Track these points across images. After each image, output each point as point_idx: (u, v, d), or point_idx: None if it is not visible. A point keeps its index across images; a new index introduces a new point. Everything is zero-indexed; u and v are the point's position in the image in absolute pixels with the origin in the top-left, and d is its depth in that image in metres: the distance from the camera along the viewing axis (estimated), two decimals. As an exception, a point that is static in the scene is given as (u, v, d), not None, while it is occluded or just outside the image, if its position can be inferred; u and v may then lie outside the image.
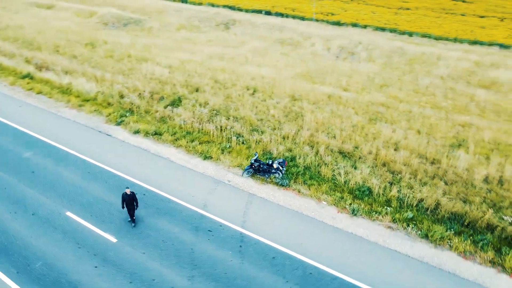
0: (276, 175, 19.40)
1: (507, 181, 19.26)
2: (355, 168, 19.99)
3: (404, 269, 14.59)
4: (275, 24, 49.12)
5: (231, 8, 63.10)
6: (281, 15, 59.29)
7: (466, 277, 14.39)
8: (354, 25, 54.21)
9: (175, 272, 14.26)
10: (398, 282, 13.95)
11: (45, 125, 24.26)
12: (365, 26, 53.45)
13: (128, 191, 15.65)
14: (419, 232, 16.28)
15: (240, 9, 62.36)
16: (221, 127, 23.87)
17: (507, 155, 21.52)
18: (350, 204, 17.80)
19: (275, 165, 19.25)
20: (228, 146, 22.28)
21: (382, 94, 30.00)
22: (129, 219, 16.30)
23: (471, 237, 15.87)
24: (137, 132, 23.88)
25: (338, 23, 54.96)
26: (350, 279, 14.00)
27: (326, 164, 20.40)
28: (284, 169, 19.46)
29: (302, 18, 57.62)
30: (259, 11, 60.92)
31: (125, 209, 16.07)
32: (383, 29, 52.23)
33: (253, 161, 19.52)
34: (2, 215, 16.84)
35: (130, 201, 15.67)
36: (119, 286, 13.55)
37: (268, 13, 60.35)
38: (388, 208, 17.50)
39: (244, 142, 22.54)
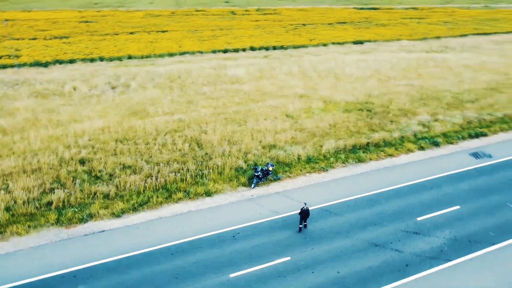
0: (270, 175, 26.56)
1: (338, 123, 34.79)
2: (291, 151, 29.78)
3: (370, 178, 27.26)
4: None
5: None
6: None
7: (387, 166, 28.90)
8: (59, 62, 54.61)
9: (338, 242, 20.97)
10: (375, 184, 26.48)
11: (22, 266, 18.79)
12: (71, 61, 55.04)
13: (304, 207, 21.16)
14: (356, 160, 29.26)
15: None
16: (180, 171, 26.62)
17: (330, 111, 37.08)
18: (318, 167, 28.19)
19: (270, 168, 26.33)
20: (207, 181, 26.18)
21: (202, 108, 38.41)
22: (300, 227, 21.58)
23: (369, 152, 30.38)
24: (121, 213, 22.94)
25: (40, 64, 53.42)
26: (370, 193, 25.31)
27: (275, 157, 28.98)
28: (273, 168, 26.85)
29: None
30: None
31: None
32: (92, 60, 55.92)
33: (257, 173, 25.66)
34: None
35: (305, 213, 20.96)
36: (338, 265, 19.12)
37: None
38: (331, 159, 29.20)
39: (213, 170, 26.99)
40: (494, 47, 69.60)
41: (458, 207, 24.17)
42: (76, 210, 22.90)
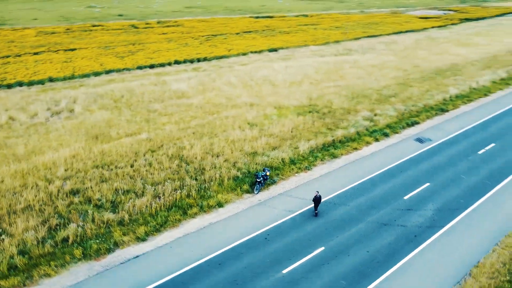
0: (268, 179, 28.62)
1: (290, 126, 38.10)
2: (275, 156, 32.06)
3: (349, 170, 31.06)
4: None
5: None
6: None
7: (357, 158, 33.05)
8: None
9: (355, 227, 23.98)
10: (356, 175, 30.43)
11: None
12: None
13: (317, 194, 24.07)
14: (331, 156, 32.78)
15: None
16: (184, 187, 27.17)
17: (286, 115, 39.93)
18: (302, 166, 31.04)
19: (268, 173, 28.38)
20: (212, 193, 27.19)
21: (163, 125, 38.55)
22: (315, 212, 24.79)
23: (338, 148, 34.21)
24: (146, 236, 22.95)
25: None
26: (357, 183, 29.07)
27: (262, 163, 31.04)
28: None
29: None
30: None
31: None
32: (9, 86, 51.30)
33: (259, 179, 27.50)
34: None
35: (318, 200, 24.00)
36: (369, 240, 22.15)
37: None
38: (310, 158, 32.29)
39: (213, 182, 28.05)
40: (385, 48, 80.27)
41: (428, 184, 29.08)
42: (97, 241, 22.23)
